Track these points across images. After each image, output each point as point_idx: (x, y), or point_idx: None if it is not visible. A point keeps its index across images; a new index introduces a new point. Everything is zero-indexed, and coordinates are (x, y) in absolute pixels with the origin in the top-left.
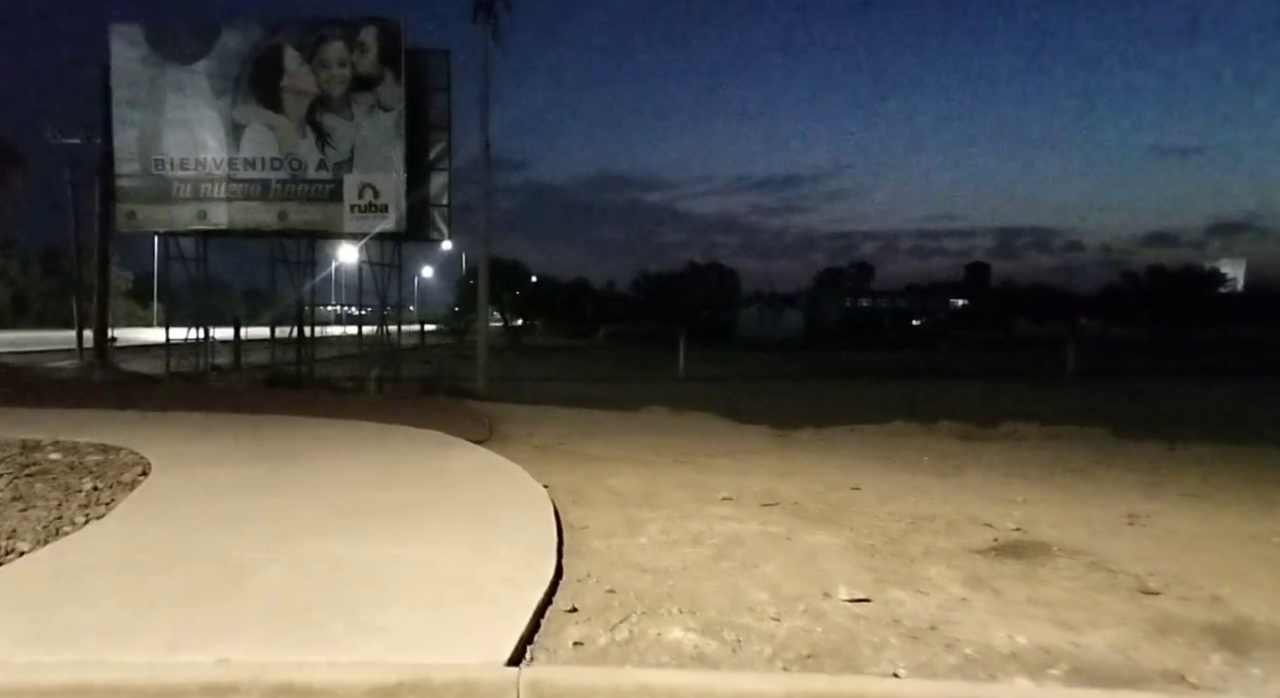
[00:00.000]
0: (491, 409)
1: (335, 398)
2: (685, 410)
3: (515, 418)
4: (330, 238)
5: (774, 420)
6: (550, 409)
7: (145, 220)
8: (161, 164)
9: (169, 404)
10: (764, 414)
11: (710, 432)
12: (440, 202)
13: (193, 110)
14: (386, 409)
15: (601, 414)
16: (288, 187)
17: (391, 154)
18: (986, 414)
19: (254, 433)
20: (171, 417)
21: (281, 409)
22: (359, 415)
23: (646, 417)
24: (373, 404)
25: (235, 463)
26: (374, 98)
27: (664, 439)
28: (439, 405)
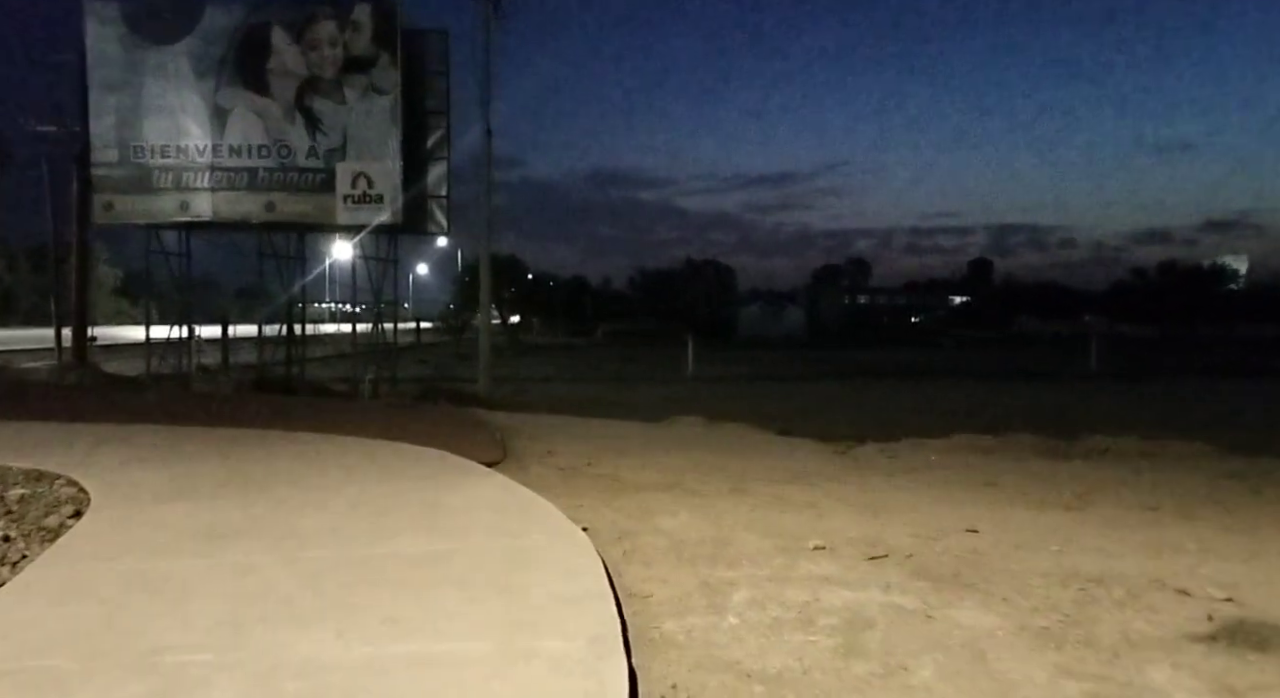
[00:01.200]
0: (500, 419)
1: (326, 405)
2: (717, 419)
3: (529, 430)
4: (322, 231)
5: (820, 432)
6: (566, 419)
7: (124, 212)
8: (141, 152)
9: (140, 413)
10: (804, 424)
11: (755, 448)
12: (439, 193)
13: (174, 94)
14: (383, 420)
15: (624, 425)
16: (276, 175)
17: (387, 141)
18: (1050, 422)
19: (228, 451)
20: (137, 431)
21: (265, 420)
22: (352, 428)
23: (677, 429)
24: (368, 413)
25: (197, 497)
26: (368, 80)
27: (706, 458)
28: (441, 415)
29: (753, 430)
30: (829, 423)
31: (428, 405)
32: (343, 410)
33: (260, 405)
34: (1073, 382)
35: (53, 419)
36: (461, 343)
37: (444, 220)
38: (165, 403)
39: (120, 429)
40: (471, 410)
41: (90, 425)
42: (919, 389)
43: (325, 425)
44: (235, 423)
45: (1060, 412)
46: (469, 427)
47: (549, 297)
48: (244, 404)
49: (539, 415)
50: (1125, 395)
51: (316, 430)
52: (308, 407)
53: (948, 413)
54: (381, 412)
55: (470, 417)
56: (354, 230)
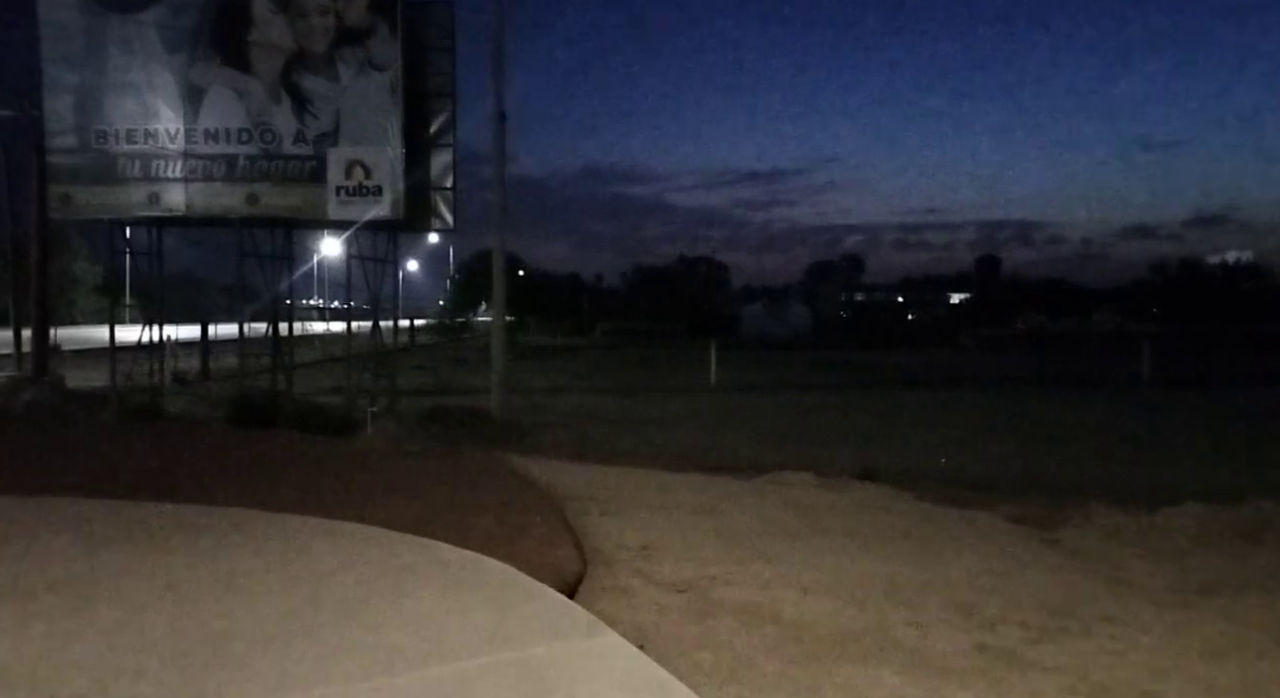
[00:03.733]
0: (546, 473)
1: (321, 454)
2: (826, 472)
3: (593, 495)
4: (311, 227)
5: (951, 481)
6: (628, 472)
7: (84, 205)
8: (103, 137)
9: (60, 468)
10: (901, 461)
11: (931, 537)
12: (443, 184)
13: (140, 70)
14: (401, 484)
15: (715, 485)
16: (259, 164)
17: (386, 124)
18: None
19: (175, 576)
20: (42, 515)
21: (239, 482)
22: (360, 498)
23: (793, 495)
24: (368, 467)
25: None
26: (364, 54)
27: (879, 565)
28: (475, 472)
29: (893, 494)
30: (924, 456)
31: (453, 456)
32: (343, 463)
33: (235, 449)
34: (1134, 391)
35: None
36: (459, 346)
37: (449, 215)
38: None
39: (21, 510)
40: (506, 459)
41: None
42: (977, 401)
43: (320, 494)
44: (195, 490)
45: (1191, 440)
46: (517, 495)
47: (546, 295)
48: (210, 452)
49: (592, 468)
50: (1230, 415)
51: (295, 506)
52: (297, 456)
53: (1051, 438)
54: (394, 466)
55: (506, 474)
56: (348, 226)
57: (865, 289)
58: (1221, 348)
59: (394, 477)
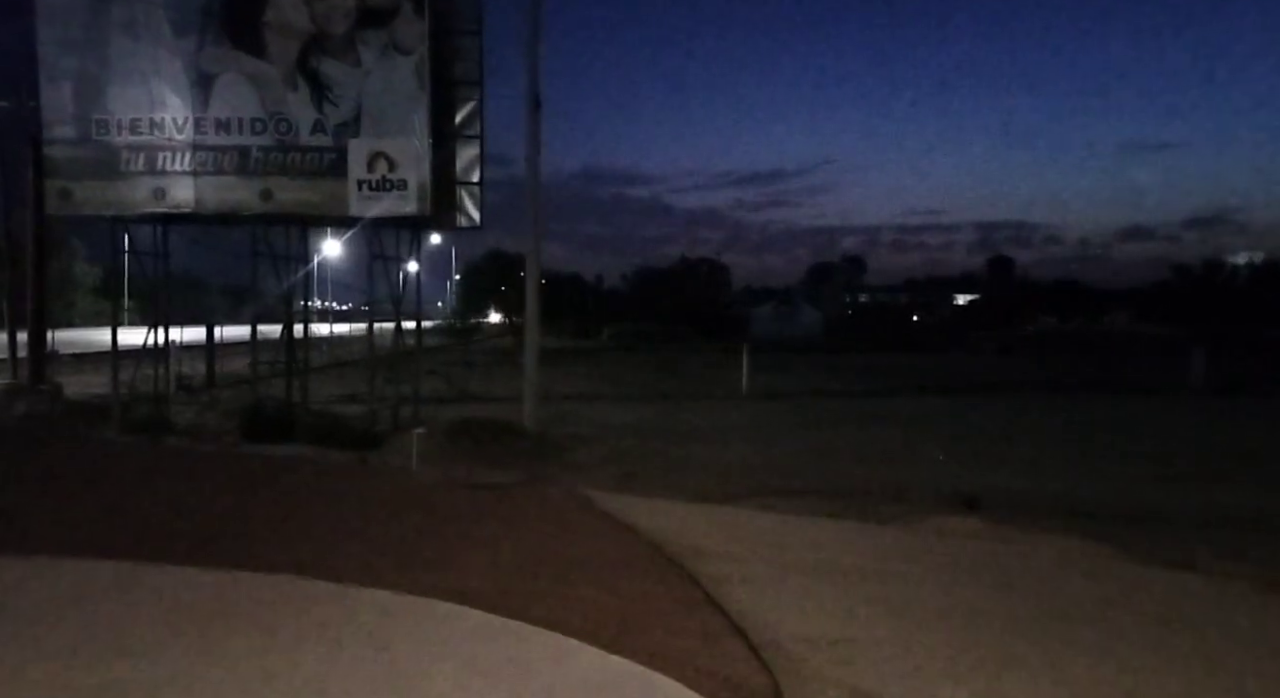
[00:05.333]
0: (636, 512)
1: (357, 484)
2: (912, 494)
3: (712, 549)
4: (330, 225)
5: (1138, 521)
6: (738, 512)
7: (84, 201)
8: (104, 127)
9: (60, 505)
10: (1049, 494)
11: (1194, 618)
12: (470, 178)
13: (146, 55)
14: (457, 527)
15: (854, 532)
16: (274, 156)
17: (412, 112)
18: None
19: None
20: (19, 591)
21: (267, 535)
22: (417, 555)
23: (953, 545)
24: (426, 505)
25: None
26: (388, 37)
27: (1172, 682)
28: (545, 510)
29: (1086, 552)
30: (1018, 476)
31: (521, 491)
32: (395, 500)
33: (262, 481)
34: (1187, 397)
35: None
36: (467, 349)
37: (475, 212)
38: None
39: (14, 577)
40: (581, 493)
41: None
42: (1031, 409)
43: (380, 546)
44: (228, 542)
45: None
46: (618, 547)
47: (549, 297)
48: (238, 480)
49: (678, 500)
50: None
51: (371, 567)
52: (337, 490)
53: (1148, 455)
54: (455, 504)
55: (597, 514)
56: (369, 223)
57: (868, 290)
58: (1247, 352)
59: (459, 520)
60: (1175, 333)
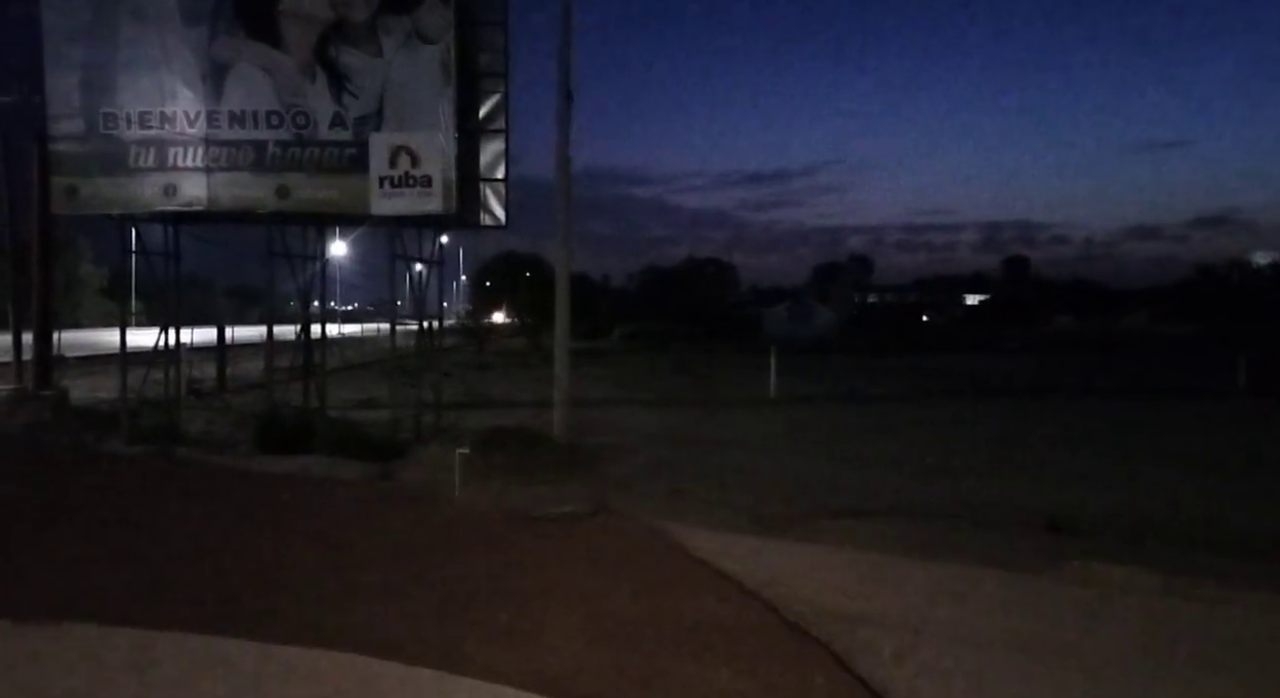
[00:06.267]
0: (718, 553)
1: (400, 518)
2: (986, 515)
3: (835, 607)
4: (350, 223)
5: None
6: (834, 554)
7: (91, 199)
8: (113, 121)
9: (65, 544)
10: (1149, 517)
11: None
12: (494, 175)
13: (156, 45)
14: (534, 576)
15: (984, 579)
16: (291, 151)
17: (437, 105)
18: None
19: None
20: (27, 667)
21: (306, 591)
22: (492, 617)
23: (1127, 604)
24: (487, 543)
25: None
26: (411, 24)
27: None
28: (623, 553)
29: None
30: (1100, 492)
31: (589, 527)
32: (450, 541)
33: (292, 513)
34: (1238, 401)
35: None
36: (482, 353)
37: (500, 210)
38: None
39: (22, 648)
40: (656, 528)
41: None
42: (1079, 414)
43: (448, 604)
44: (264, 601)
45: None
46: (726, 607)
47: None
48: (265, 510)
49: (755, 536)
50: None
51: (446, 636)
52: (364, 525)
53: (1237, 472)
54: (519, 545)
55: (684, 559)
56: (392, 222)
57: (877, 290)
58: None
59: (531, 565)
60: (1196, 333)
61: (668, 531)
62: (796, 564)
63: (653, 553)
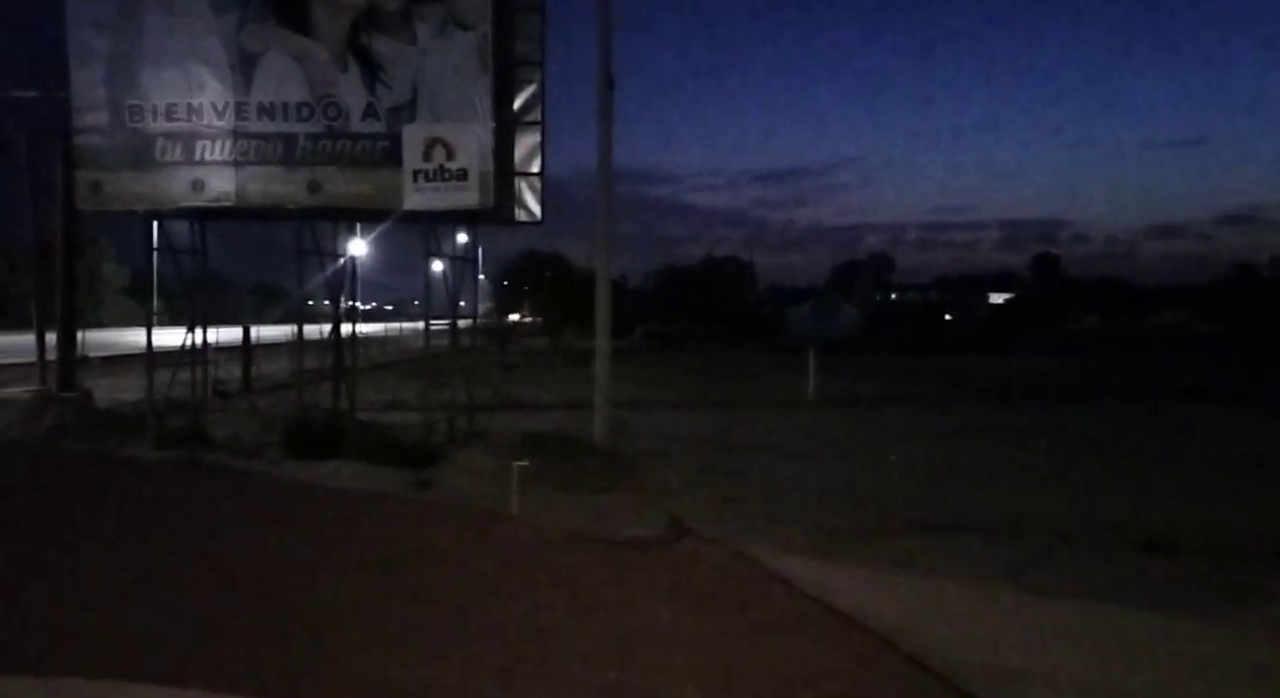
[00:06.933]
0: (821, 586)
1: (434, 535)
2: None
3: (980, 663)
4: (382, 219)
5: None
6: (950, 585)
7: (116, 194)
8: (138, 113)
9: (93, 570)
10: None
11: None
12: (530, 168)
13: (183, 34)
14: (612, 617)
15: (1156, 624)
16: (322, 144)
17: (473, 94)
18: None
19: None
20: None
21: (319, 625)
22: (602, 675)
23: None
24: (546, 570)
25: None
26: (446, 11)
27: None
28: (720, 588)
29: None
30: (1192, 508)
31: (668, 554)
32: (509, 579)
33: (335, 531)
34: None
35: None
36: (505, 353)
37: (536, 205)
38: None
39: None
40: (748, 557)
41: None
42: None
43: (517, 668)
44: (277, 658)
45: None
46: (873, 666)
47: (583, 297)
48: (307, 528)
49: (872, 570)
50: None
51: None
52: (417, 549)
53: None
54: (601, 576)
55: (791, 595)
56: (426, 217)
57: (899, 288)
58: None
59: (616, 603)
60: (1230, 333)
61: (754, 555)
62: (919, 602)
63: (748, 585)
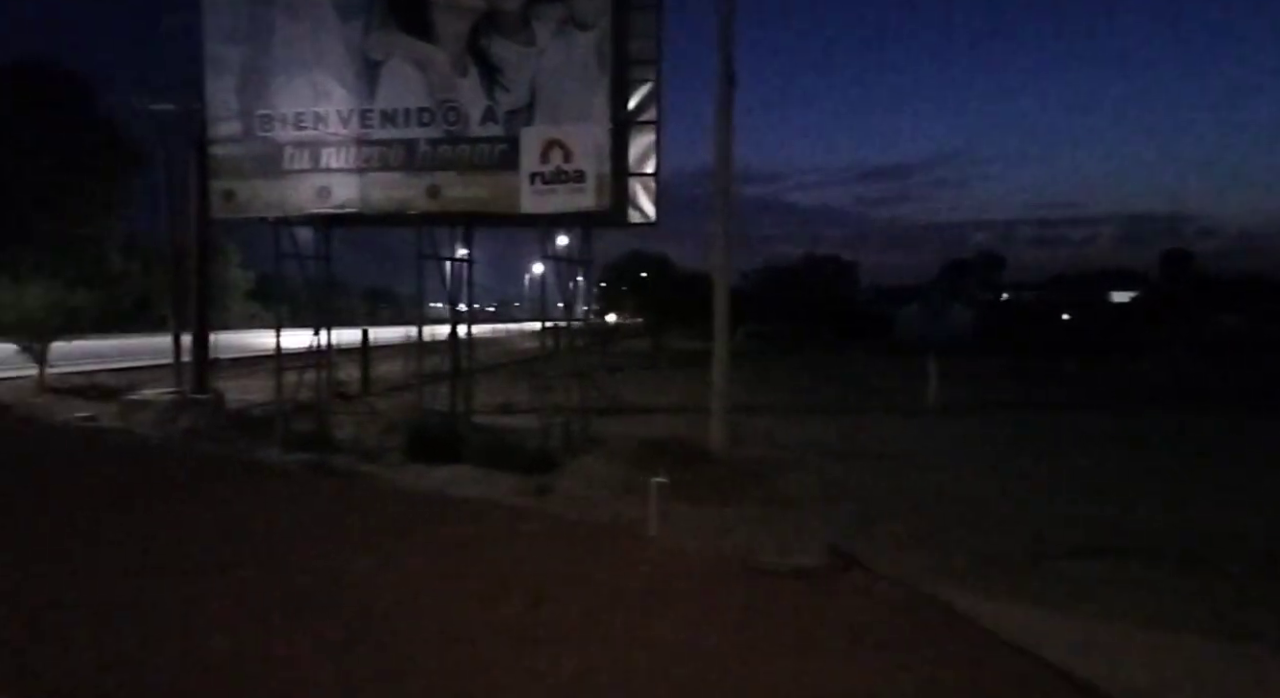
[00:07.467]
0: (1021, 629)
1: (559, 549)
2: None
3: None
4: (498, 224)
5: None
6: (1144, 634)
7: (248, 202)
8: (268, 122)
9: (256, 605)
10: None
11: None
12: (644, 169)
13: (310, 43)
14: (809, 671)
15: None
16: (441, 149)
17: (592, 95)
18: None
19: None
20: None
21: (478, 667)
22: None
23: None
24: (720, 609)
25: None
26: (565, 11)
27: None
28: (906, 629)
29: None
30: None
31: (837, 588)
32: (652, 614)
33: (503, 558)
34: None
35: None
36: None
37: (650, 207)
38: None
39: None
40: (923, 594)
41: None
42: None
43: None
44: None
45: None
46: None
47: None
48: (427, 560)
49: (1090, 621)
50: None
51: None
52: (557, 568)
53: None
54: (770, 623)
55: (998, 647)
56: (543, 221)
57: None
58: None
59: (792, 647)
60: None
61: (928, 590)
62: (1142, 657)
63: (938, 630)
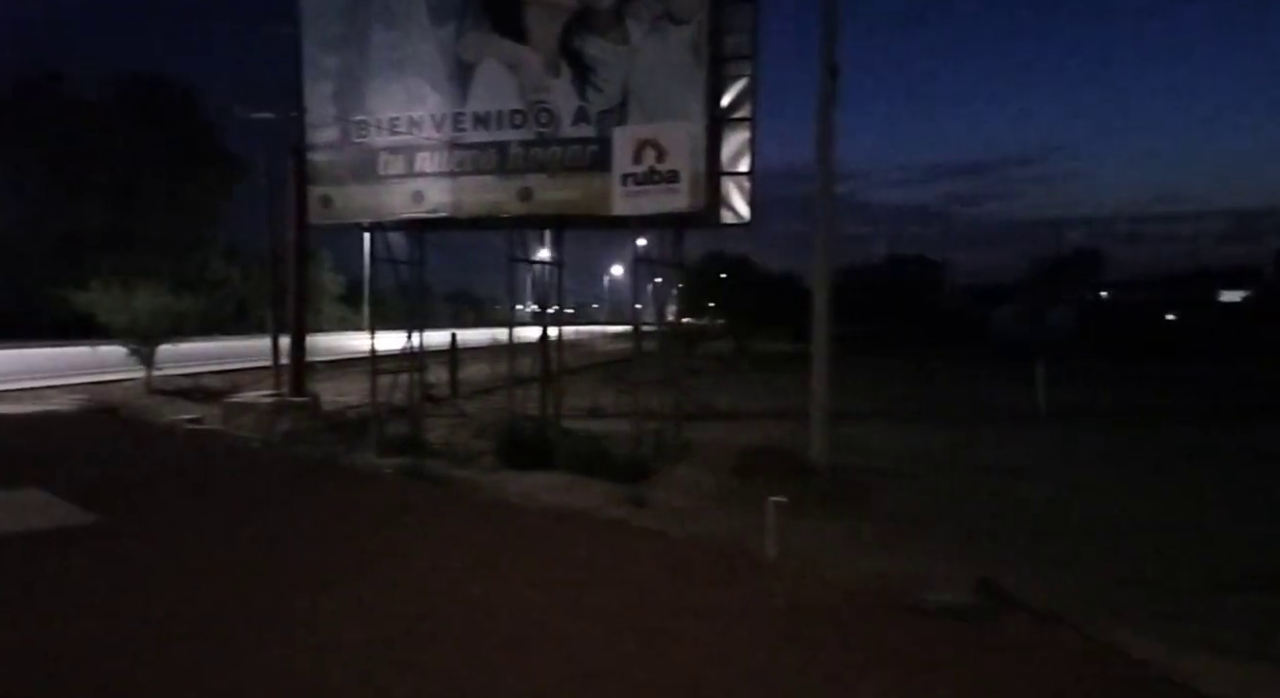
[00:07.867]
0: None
1: (677, 575)
2: None
3: None
4: (590, 227)
5: None
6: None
7: (344, 208)
8: (364, 129)
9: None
10: None
11: None
12: (738, 168)
13: (404, 46)
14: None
15: None
16: (533, 151)
17: (685, 92)
18: None
19: None
20: None
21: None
22: None
23: None
24: (874, 661)
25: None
26: (661, 6)
27: None
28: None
29: None
30: None
31: (1002, 638)
32: (782, 657)
33: (571, 584)
34: None
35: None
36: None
37: (744, 207)
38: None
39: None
40: (1106, 646)
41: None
42: None
43: None
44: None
45: None
46: None
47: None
48: (538, 584)
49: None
50: None
51: None
52: (677, 597)
53: None
54: (894, 660)
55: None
56: (634, 222)
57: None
58: None
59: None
60: None
61: (1104, 637)
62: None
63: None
